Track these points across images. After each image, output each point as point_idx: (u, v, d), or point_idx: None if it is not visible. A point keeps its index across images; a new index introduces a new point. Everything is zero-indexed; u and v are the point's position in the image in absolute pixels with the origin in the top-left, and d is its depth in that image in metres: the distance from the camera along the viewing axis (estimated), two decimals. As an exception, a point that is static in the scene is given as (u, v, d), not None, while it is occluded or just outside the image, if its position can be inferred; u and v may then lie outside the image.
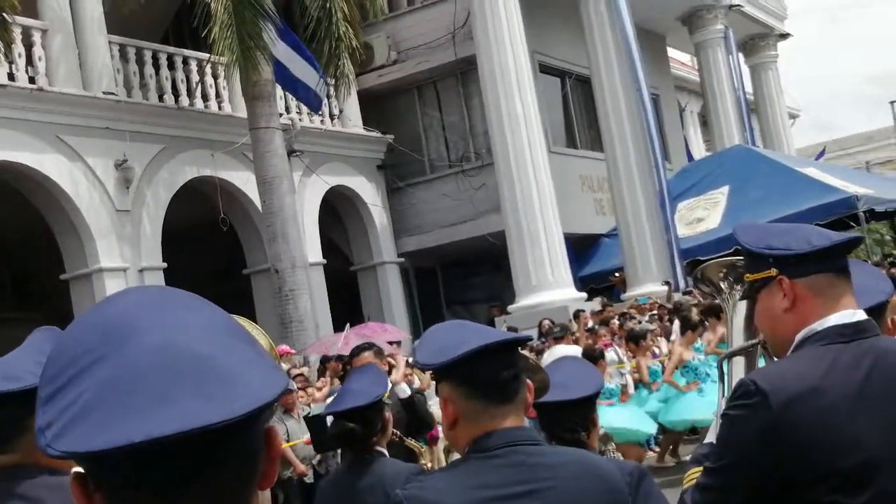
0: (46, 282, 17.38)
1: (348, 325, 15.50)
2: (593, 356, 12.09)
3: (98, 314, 1.16)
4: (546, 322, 15.44)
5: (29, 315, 18.62)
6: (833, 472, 2.21)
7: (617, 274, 20.96)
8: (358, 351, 7.01)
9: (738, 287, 2.83)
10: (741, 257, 2.86)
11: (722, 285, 2.88)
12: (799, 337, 2.39)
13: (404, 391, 7.18)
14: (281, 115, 17.30)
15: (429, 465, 5.03)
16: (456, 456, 2.79)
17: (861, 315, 2.40)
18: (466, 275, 24.39)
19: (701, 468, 2.60)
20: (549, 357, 10.34)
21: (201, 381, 1.08)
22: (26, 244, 17.91)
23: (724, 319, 10.97)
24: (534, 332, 15.60)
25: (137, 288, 1.25)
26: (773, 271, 2.42)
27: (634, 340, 12.29)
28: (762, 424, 2.23)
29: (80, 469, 1.14)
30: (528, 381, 2.53)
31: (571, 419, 3.36)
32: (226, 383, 1.09)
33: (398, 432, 4.89)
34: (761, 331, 2.57)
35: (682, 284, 19.22)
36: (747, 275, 2.53)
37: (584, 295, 19.80)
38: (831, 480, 2.21)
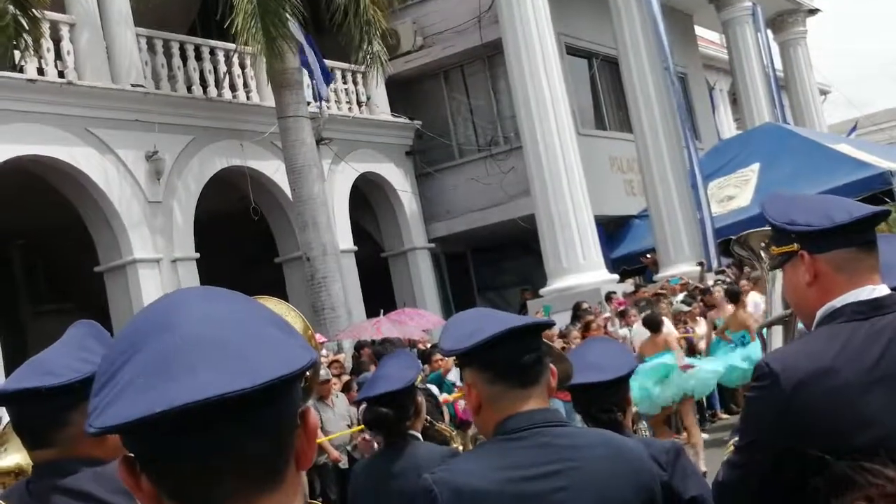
0: (80, 274, 17.53)
1: (382, 311, 15.56)
2: (655, 322, 12.18)
3: (143, 314, 1.25)
4: (584, 304, 15.44)
5: (63, 307, 18.86)
6: (847, 451, 2.18)
7: (648, 255, 20.87)
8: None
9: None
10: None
11: (762, 254, 2.88)
12: (819, 314, 2.39)
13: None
14: (309, 103, 17.33)
15: (461, 448, 5.05)
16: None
17: (882, 290, 2.38)
18: (497, 259, 24.37)
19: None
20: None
21: (225, 358, 1.15)
22: (60, 237, 18.06)
23: (742, 302, 11.58)
24: (567, 315, 15.60)
25: (180, 290, 1.33)
26: (795, 246, 2.42)
27: (653, 327, 12.35)
28: (775, 405, 2.25)
29: (128, 454, 1.20)
30: (552, 367, 2.56)
31: (607, 400, 3.36)
32: (248, 359, 1.15)
33: (429, 417, 4.91)
34: (790, 303, 2.58)
35: (714, 264, 19.13)
36: (773, 247, 2.53)
37: (616, 277, 19.74)
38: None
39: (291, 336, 1.24)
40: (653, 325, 12.21)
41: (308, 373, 2.39)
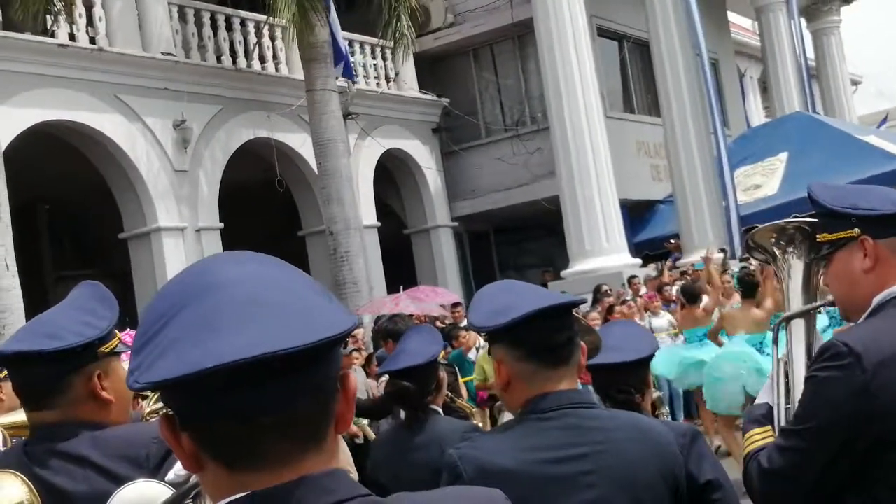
0: (105, 240, 17.62)
1: (402, 287, 15.57)
2: (693, 292, 11.58)
3: (183, 275, 1.26)
4: (605, 287, 15.38)
5: (87, 273, 18.95)
6: None
7: (672, 241, 20.77)
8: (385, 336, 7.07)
9: (792, 250, 2.80)
10: (789, 220, 2.83)
11: (775, 251, 2.85)
12: (878, 299, 2.37)
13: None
14: (337, 77, 17.31)
15: (480, 424, 5.07)
16: (508, 417, 2.80)
17: None
18: (520, 239, 24.35)
19: (763, 429, 2.58)
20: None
21: (273, 317, 1.16)
22: (86, 203, 18.15)
23: (769, 287, 9.78)
24: (588, 297, 15.57)
25: (219, 253, 1.35)
26: (856, 231, 2.39)
27: (690, 297, 11.69)
28: (855, 386, 2.20)
29: (168, 412, 1.21)
30: (581, 343, 2.53)
31: (626, 381, 3.37)
32: (298, 318, 1.17)
33: (450, 393, 4.92)
34: (834, 292, 2.53)
35: (738, 252, 19.03)
36: (824, 234, 2.49)
37: (639, 261, 19.67)
38: None
39: (332, 300, 1.26)
40: (690, 295, 11.53)
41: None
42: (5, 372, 5.00)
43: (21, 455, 2.37)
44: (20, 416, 3.16)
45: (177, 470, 1.83)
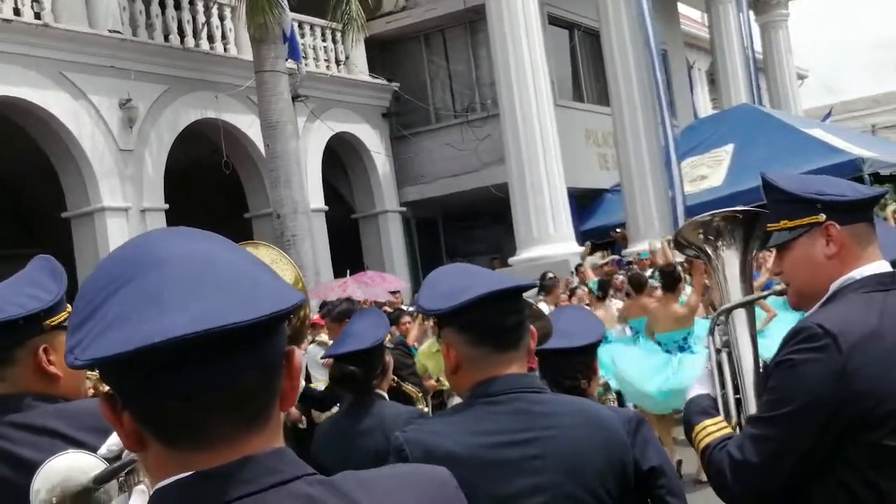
0: (48, 219, 17.36)
1: (348, 271, 15.51)
2: (640, 282, 11.26)
3: (124, 249, 1.23)
4: (549, 275, 15.43)
5: (30, 252, 18.59)
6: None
7: (619, 230, 20.89)
8: (340, 317, 7.02)
9: (722, 243, 2.81)
10: (712, 213, 2.84)
11: (705, 246, 2.86)
12: (836, 285, 2.40)
13: None
14: (286, 59, 17.18)
15: (426, 409, 5.05)
16: (457, 400, 2.78)
17: (889, 266, 2.43)
18: (468, 226, 24.37)
19: (716, 420, 2.57)
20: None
21: (217, 293, 1.14)
22: (29, 181, 17.88)
23: (695, 281, 9.31)
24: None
25: (160, 229, 1.32)
26: (822, 217, 2.41)
27: (637, 286, 11.38)
28: (833, 367, 2.21)
29: (109, 391, 1.18)
30: (532, 327, 2.51)
31: (573, 367, 3.37)
32: (244, 293, 1.15)
33: (396, 377, 4.90)
34: (791, 279, 2.53)
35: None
36: (784, 221, 2.49)
37: (586, 249, 19.77)
38: (893, 422, 2.22)
39: (277, 277, 1.24)
40: (637, 284, 11.10)
41: (297, 318, 2.35)
42: None
43: None
44: None
45: (110, 444, 1.78)
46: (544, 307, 11.77)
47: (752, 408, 2.60)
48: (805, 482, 2.30)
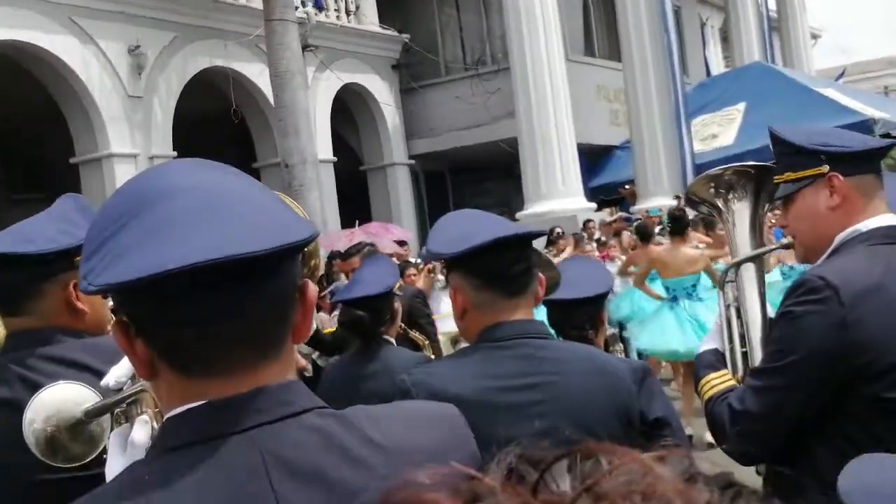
0: (57, 165, 17.35)
1: (357, 222, 15.53)
2: (647, 231, 11.00)
3: (135, 183, 1.23)
4: (557, 230, 15.42)
5: (39, 197, 18.66)
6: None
7: (627, 186, 20.87)
8: (354, 251, 7.02)
9: (733, 196, 2.81)
10: (723, 167, 2.83)
11: (716, 200, 2.86)
12: (841, 237, 2.39)
13: None
14: (297, 7, 17.06)
15: (432, 356, 5.10)
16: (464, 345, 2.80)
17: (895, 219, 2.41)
18: (476, 180, 24.33)
19: (720, 374, 2.59)
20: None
21: (233, 221, 1.14)
22: (38, 126, 17.85)
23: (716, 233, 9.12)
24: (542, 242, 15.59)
25: (172, 161, 1.31)
26: (825, 168, 2.40)
27: (644, 235, 11.26)
28: (834, 319, 2.22)
29: (122, 318, 1.19)
30: (540, 275, 2.52)
31: (580, 317, 3.39)
32: (258, 224, 1.15)
33: (403, 324, 4.94)
34: (795, 232, 2.53)
35: (692, 199, 19.14)
36: (787, 174, 2.49)
37: (594, 205, 19.76)
38: (893, 375, 2.23)
39: (289, 209, 1.24)
40: (644, 234, 10.96)
41: (308, 268, 2.34)
42: None
43: (2, 361, 2.35)
44: None
45: (116, 375, 1.77)
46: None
47: (757, 361, 2.61)
48: (806, 435, 2.30)
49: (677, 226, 9.62)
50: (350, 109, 21.79)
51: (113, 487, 1.21)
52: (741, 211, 2.79)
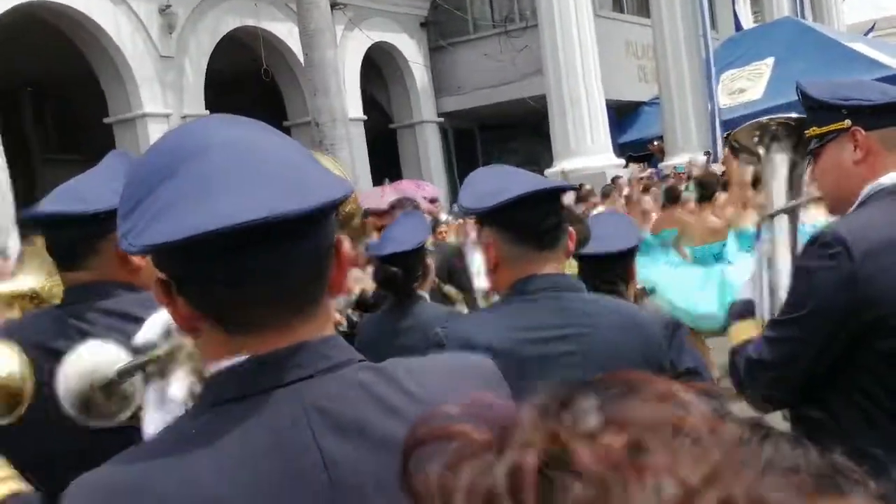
0: (90, 124, 17.48)
1: (387, 180, 15.57)
2: (675, 195, 11.04)
3: (169, 140, 1.23)
4: (586, 186, 15.42)
5: (74, 158, 18.88)
6: None
7: (656, 142, 20.78)
8: (397, 205, 7.03)
9: (775, 147, 2.81)
10: (771, 116, 2.83)
11: (759, 149, 2.85)
12: (866, 191, 2.38)
13: None
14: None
15: (466, 311, 5.12)
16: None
17: None
18: (505, 137, 24.26)
19: (748, 323, 2.61)
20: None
21: (273, 179, 1.15)
22: (70, 87, 17.96)
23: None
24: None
25: (207, 117, 1.34)
26: (847, 123, 2.39)
27: (671, 198, 11.14)
28: (844, 274, 2.24)
29: (161, 276, 1.22)
30: (570, 229, 2.55)
31: (611, 271, 3.41)
32: (298, 182, 1.16)
33: (436, 279, 4.95)
34: (822, 187, 2.54)
35: (720, 155, 19.06)
36: (813, 128, 2.49)
37: (623, 161, 19.70)
38: None
39: (323, 167, 1.25)
40: (671, 196, 10.63)
41: (354, 215, 2.37)
42: None
43: (59, 314, 2.40)
44: (12, 286, 3.19)
45: (147, 336, 1.80)
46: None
47: None
48: (822, 388, 2.34)
49: (705, 192, 9.56)
50: (379, 67, 21.75)
51: (160, 441, 1.23)
52: (780, 162, 2.78)
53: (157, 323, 1.80)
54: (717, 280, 9.03)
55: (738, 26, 28.98)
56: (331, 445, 1.18)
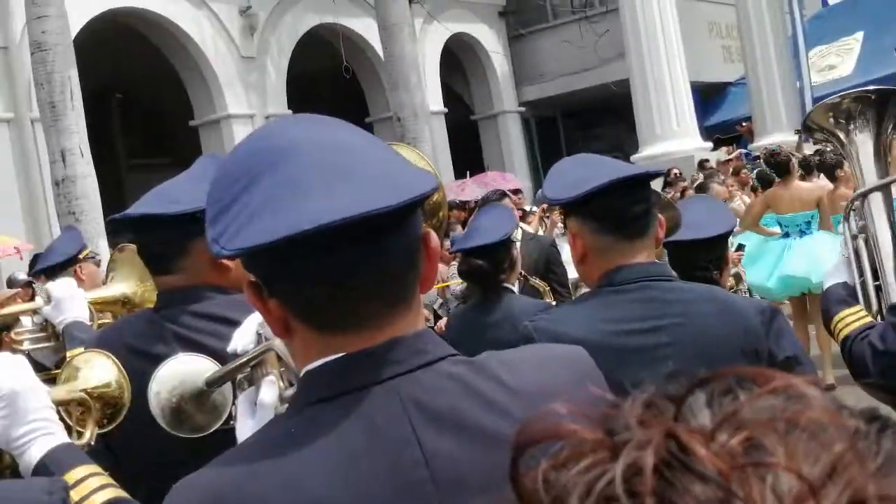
0: (176, 128, 17.80)
1: (468, 173, 15.56)
2: (769, 180, 10.71)
3: (254, 141, 1.23)
4: (674, 171, 15.19)
5: (161, 161, 19.21)
6: None
7: (744, 123, 20.41)
8: (495, 197, 6.99)
9: (854, 126, 2.71)
10: (842, 94, 2.71)
11: (836, 130, 2.76)
12: None
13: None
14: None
15: (554, 303, 5.07)
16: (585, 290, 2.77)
17: None
18: (588, 124, 24.10)
19: (855, 310, 2.50)
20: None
21: (361, 177, 1.15)
22: (157, 91, 18.27)
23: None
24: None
25: (285, 118, 1.32)
26: None
27: (765, 182, 10.86)
28: None
29: (252, 278, 1.21)
30: (660, 216, 2.47)
31: (704, 258, 3.31)
32: (386, 178, 1.16)
33: (524, 271, 4.91)
34: None
35: (813, 134, 18.65)
36: None
37: (710, 144, 19.40)
38: None
39: (408, 162, 1.25)
40: (764, 181, 10.18)
41: (439, 207, 2.34)
42: (85, 252, 5.13)
43: (154, 318, 2.42)
44: (105, 291, 3.22)
45: (243, 343, 1.79)
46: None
47: (893, 294, 2.53)
48: None
49: (778, 169, 9.33)
50: (459, 59, 21.74)
51: (258, 443, 1.23)
52: (864, 140, 2.68)
53: (248, 330, 1.80)
54: (776, 252, 8.98)
55: (824, 2, 28.37)
56: (430, 439, 1.18)
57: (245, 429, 1.58)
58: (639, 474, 0.49)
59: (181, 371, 1.94)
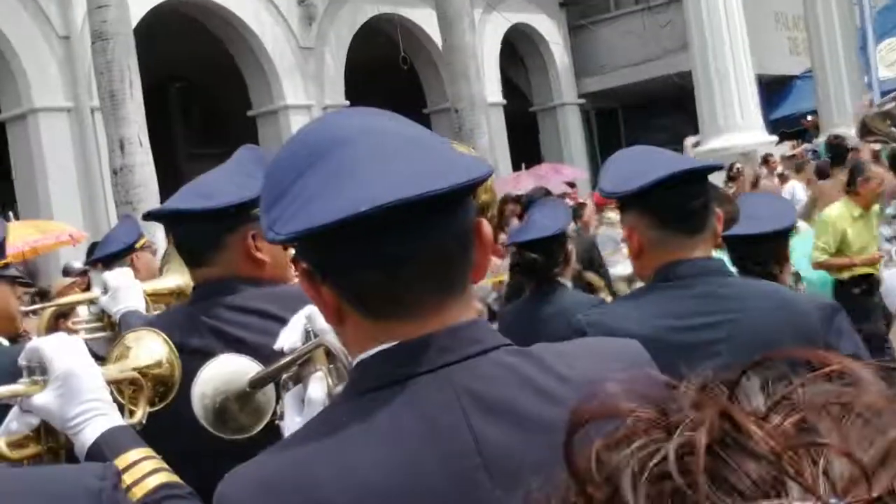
0: (234, 118, 17.90)
1: (523, 165, 15.51)
2: (826, 174, 10.38)
3: (309, 132, 1.26)
4: (737, 165, 14.97)
5: (220, 151, 19.31)
6: None
7: (810, 117, 20.13)
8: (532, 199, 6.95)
9: None
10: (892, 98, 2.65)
11: (893, 131, 2.69)
12: None
13: None
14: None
15: (608, 298, 5.07)
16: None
17: None
18: (649, 116, 23.91)
19: None
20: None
21: (415, 163, 1.16)
22: (215, 81, 18.42)
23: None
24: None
25: (339, 110, 1.39)
26: None
27: (822, 175, 10.60)
28: None
29: (305, 265, 1.23)
30: (718, 210, 2.43)
31: (763, 253, 3.27)
32: (441, 164, 1.18)
33: (578, 266, 4.91)
34: None
35: (878, 129, 18.37)
36: None
37: (775, 138, 19.13)
38: None
39: (462, 152, 1.28)
40: (822, 173, 10.11)
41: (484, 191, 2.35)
42: (143, 241, 5.18)
43: (191, 312, 2.45)
44: (160, 283, 3.26)
45: (291, 341, 1.79)
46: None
47: None
48: None
49: (835, 154, 9.15)
50: (518, 50, 21.68)
51: (311, 430, 1.24)
52: None
53: (295, 327, 1.81)
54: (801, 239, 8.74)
55: (894, -7, 27.92)
56: (483, 427, 1.18)
57: (293, 426, 1.59)
58: (692, 453, 0.50)
59: (224, 372, 1.95)
